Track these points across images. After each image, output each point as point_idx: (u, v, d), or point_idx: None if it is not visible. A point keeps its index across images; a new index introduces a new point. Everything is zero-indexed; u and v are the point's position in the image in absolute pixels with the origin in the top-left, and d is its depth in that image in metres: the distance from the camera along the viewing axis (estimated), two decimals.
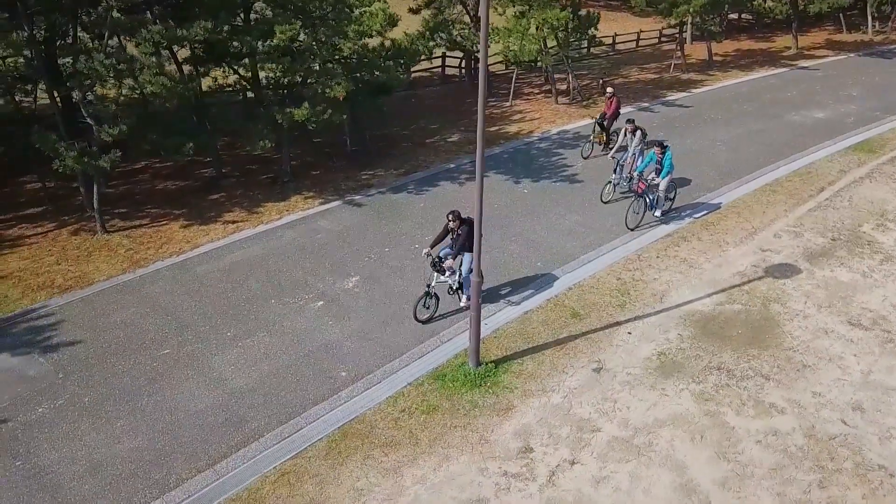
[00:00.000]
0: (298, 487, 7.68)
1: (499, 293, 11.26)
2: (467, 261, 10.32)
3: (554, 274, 11.83)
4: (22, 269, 12.33)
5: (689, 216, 13.85)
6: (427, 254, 10.28)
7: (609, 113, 17.06)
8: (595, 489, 7.58)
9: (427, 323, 10.42)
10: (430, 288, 10.36)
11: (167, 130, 13.57)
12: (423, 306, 10.39)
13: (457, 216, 10.16)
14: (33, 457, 8.11)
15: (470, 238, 10.02)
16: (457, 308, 10.77)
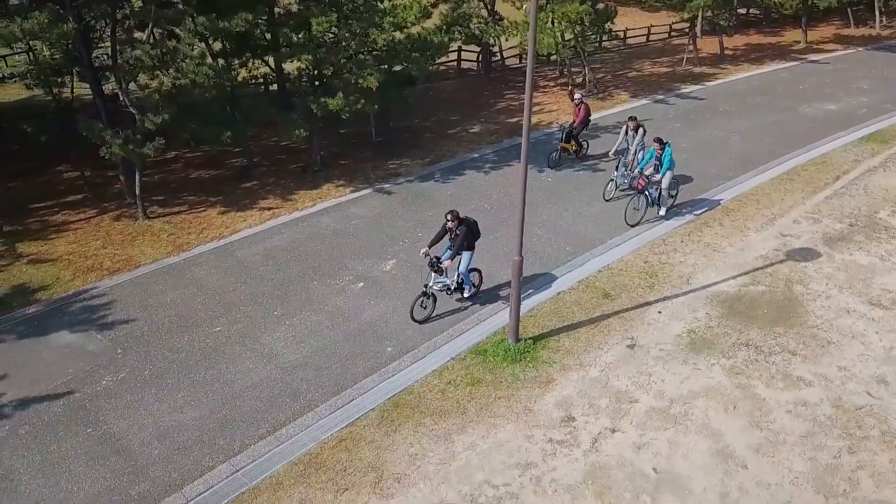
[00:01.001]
0: (356, 453, 8.08)
1: (531, 276, 11.66)
2: (465, 259, 10.36)
3: (583, 257, 12.22)
4: (70, 253, 12.76)
5: (709, 204, 14.23)
6: (425, 253, 10.11)
7: (577, 121, 16.20)
8: (636, 454, 7.97)
9: (424, 323, 10.30)
10: (428, 288, 10.26)
11: (205, 120, 13.93)
12: (420, 306, 10.27)
13: (456, 216, 10.12)
14: (103, 425, 8.53)
15: (468, 238, 10.24)
16: (455, 308, 10.68)
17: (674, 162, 13.27)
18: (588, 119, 16.37)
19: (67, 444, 8.23)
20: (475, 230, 10.43)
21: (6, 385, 9.25)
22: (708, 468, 7.75)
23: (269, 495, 7.51)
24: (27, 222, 14.15)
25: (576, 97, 16.62)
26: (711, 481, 7.57)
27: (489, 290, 11.09)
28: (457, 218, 10.12)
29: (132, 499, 7.47)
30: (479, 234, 10.58)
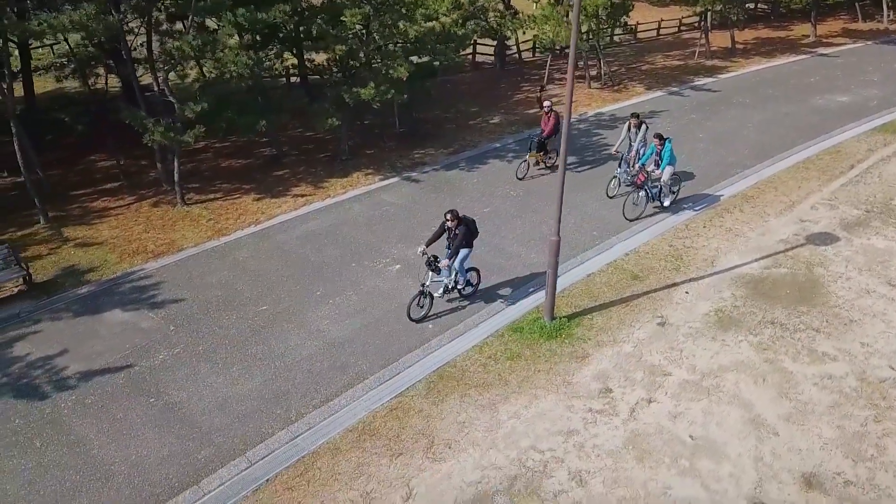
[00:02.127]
0: (406, 421, 8.46)
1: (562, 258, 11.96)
2: (462, 256, 10.21)
3: (610, 241, 12.56)
4: (115, 237, 13.13)
5: (729, 191, 14.55)
6: (422, 252, 9.94)
7: (547, 130, 15.10)
8: (673, 423, 8.34)
9: (420, 322, 10.21)
10: (425, 287, 10.14)
11: (240, 109, 14.28)
12: (417, 305, 10.17)
13: (455, 215, 9.99)
14: (164, 395, 8.93)
15: (467, 237, 10.13)
16: (453, 307, 10.60)
17: (675, 157, 13.24)
18: (558, 128, 14.89)
19: (133, 412, 8.64)
20: (474, 229, 10.34)
21: (68, 359, 9.66)
22: (741, 435, 8.12)
23: (328, 459, 7.91)
24: (69, 208, 14.56)
25: (545, 105, 15.47)
26: (745, 447, 7.94)
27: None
28: (456, 217, 10.00)
29: (199, 462, 7.87)
30: (478, 233, 10.47)
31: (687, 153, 16.63)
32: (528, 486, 7.50)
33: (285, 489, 7.53)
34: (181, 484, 7.59)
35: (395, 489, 7.51)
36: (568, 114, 9.21)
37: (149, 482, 7.62)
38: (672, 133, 17.73)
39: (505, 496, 7.39)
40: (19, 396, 8.96)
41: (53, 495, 7.49)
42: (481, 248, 12.23)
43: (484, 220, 13.39)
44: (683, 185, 14.36)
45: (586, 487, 7.46)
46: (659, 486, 7.48)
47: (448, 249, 10.11)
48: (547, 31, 21.58)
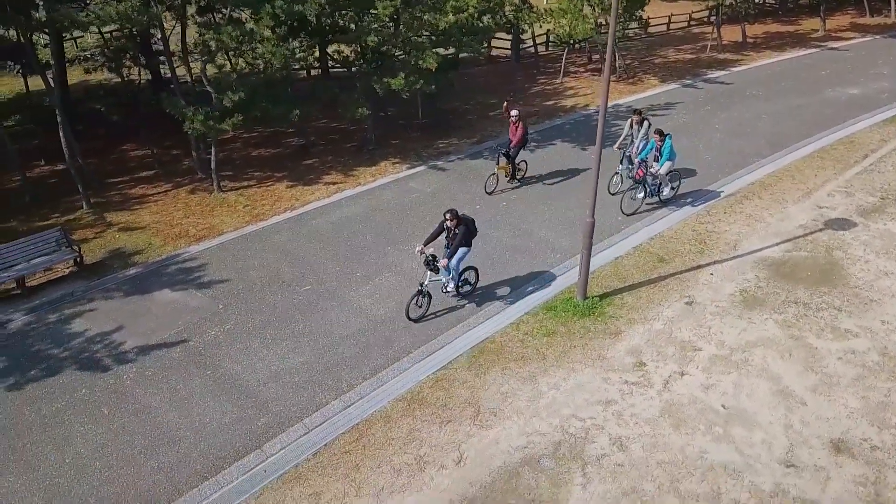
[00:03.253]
0: (452, 391, 8.84)
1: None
2: (460, 255, 10.08)
3: (635, 226, 12.91)
4: (157, 222, 13.52)
5: (747, 179, 14.87)
6: (420, 251, 9.88)
7: (515, 140, 14.23)
8: (705, 394, 8.71)
9: (419, 322, 10.10)
10: (423, 286, 10.02)
11: (274, 99, 14.62)
12: (415, 304, 10.08)
13: (454, 215, 9.87)
14: (220, 368, 9.32)
15: (466, 236, 10.01)
16: (451, 307, 10.48)
17: (674, 153, 13.22)
18: (526, 138, 14.48)
19: (192, 383, 9.04)
20: (473, 229, 10.23)
21: (125, 335, 10.06)
22: (771, 405, 8.49)
23: (381, 426, 8.29)
24: (109, 195, 14.96)
25: (512, 114, 14.37)
26: (775, 415, 8.31)
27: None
28: (455, 217, 9.88)
29: (259, 428, 8.26)
30: (476, 233, 10.39)
31: (704, 143, 16.99)
32: (571, 451, 7.88)
33: (343, 453, 7.92)
34: (244, 448, 7.98)
35: (446, 453, 7.90)
36: (604, 103, 9.53)
37: (213, 446, 8.02)
38: (688, 124, 18.24)
39: (551, 460, 7.77)
40: (83, 369, 9.37)
41: (125, 457, 7.89)
42: (509, 233, 12.70)
43: (511, 206, 13.85)
44: (698, 174, 14.74)
45: (627, 452, 7.85)
46: (695, 450, 7.86)
47: (447, 249, 9.99)
48: (563, 25, 21.88)
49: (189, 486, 7.49)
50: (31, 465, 7.81)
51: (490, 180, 14.38)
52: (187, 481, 7.55)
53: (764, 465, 7.60)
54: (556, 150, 16.87)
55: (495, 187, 14.36)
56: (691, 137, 17.34)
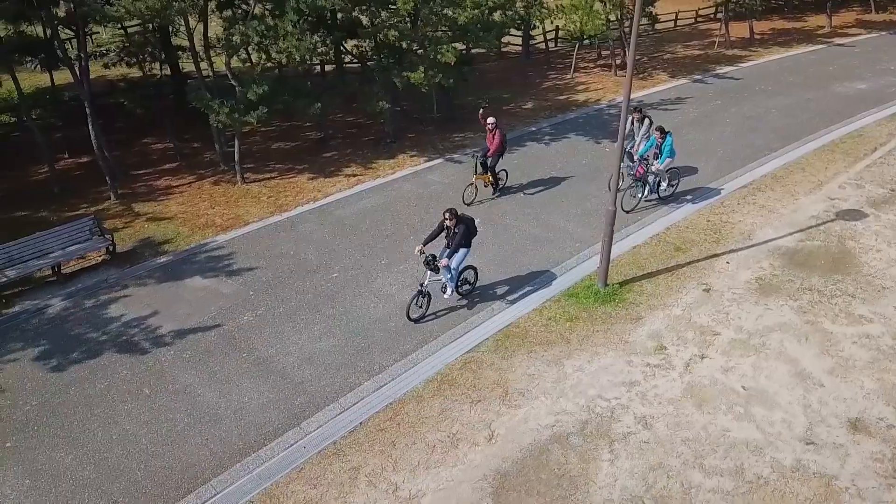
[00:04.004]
0: (481, 373, 9.10)
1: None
2: (459, 255, 9.94)
3: (651, 217, 13.13)
4: (183, 212, 13.80)
5: (759, 172, 15.06)
6: (420, 251, 9.73)
7: (492, 149, 13.52)
8: (725, 375, 8.96)
9: (418, 322, 10.01)
10: (423, 287, 9.90)
11: (296, 92, 14.86)
12: (415, 305, 9.98)
13: (454, 214, 9.74)
14: (255, 351, 9.59)
15: (466, 236, 9.85)
16: (454, 306, 10.40)
17: (674, 151, 13.11)
18: (503, 146, 13.70)
19: (229, 365, 9.31)
20: (472, 229, 10.08)
21: (161, 319, 10.34)
22: (789, 386, 8.73)
23: (414, 405, 8.56)
24: (134, 186, 15.24)
25: (489, 122, 13.56)
26: (794, 396, 8.56)
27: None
28: (455, 216, 9.75)
29: (296, 408, 8.53)
30: (476, 233, 10.24)
31: (715, 137, 17.20)
32: (598, 429, 8.14)
33: (378, 430, 8.19)
34: (283, 426, 8.25)
35: (478, 430, 8.16)
36: (627, 95, 9.76)
37: (254, 424, 8.29)
38: (699, 118, 18.45)
39: (579, 437, 8.03)
40: (122, 351, 9.65)
41: (169, 434, 8.16)
42: (530, 223, 12.94)
43: (530, 197, 14.08)
44: (711, 166, 14.96)
45: (652, 430, 8.10)
46: (718, 428, 8.11)
47: (447, 249, 9.87)
48: (575, 21, 22.07)
49: (233, 460, 7.76)
50: (79, 442, 8.10)
51: (468, 191, 13.65)
52: (230, 456, 7.82)
53: (784, 443, 7.85)
54: (570, 143, 17.08)
55: (474, 198, 13.65)
56: (703, 131, 17.56)
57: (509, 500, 7.22)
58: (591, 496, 7.25)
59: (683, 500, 7.15)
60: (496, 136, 13.50)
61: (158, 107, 18.08)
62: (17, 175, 16.53)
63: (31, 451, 7.99)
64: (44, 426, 8.34)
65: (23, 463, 7.82)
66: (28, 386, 9.03)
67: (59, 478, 7.61)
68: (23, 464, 7.81)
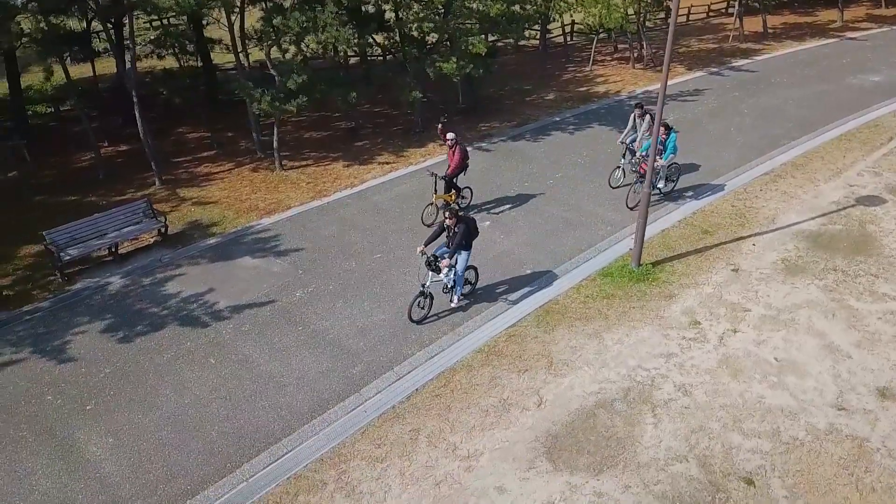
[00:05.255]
0: (525, 345, 9.54)
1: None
2: (463, 259, 9.82)
3: (678, 202, 13.54)
4: (227, 197, 14.25)
5: (779, 160, 15.41)
6: (421, 252, 9.62)
7: (453, 165, 12.49)
8: (758, 348, 9.37)
9: (421, 323, 9.94)
10: (425, 287, 9.81)
11: (331, 82, 15.26)
12: (417, 306, 9.90)
13: (454, 213, 9.61)
14: (310, 324, 10.05)
15: (467, 236, 9.71)
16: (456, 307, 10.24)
17: (677, 148, 12.98)
18: (465, 163, 12.66)
19: (286, 337, 9.77)
20: (473, 228, 9.93)
21: (217, 296, 10.80)
22: (819, 357, 9.14)
23: (465, 374, 9.00)
24: (176, 173, 15.70)
25: (448, 137, 12.50)
26: (824, 366, 8.97)
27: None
28: (455, 216, 9.63)
29: (354, 376, 8.99)
30: (478, 233, 10.10)
31: (735, 127, 17.55)
32: (640, 396, 8.57)
33: (433, 396, 8.64)
34: (344, 392, 8.71)
35: (527, 396, 8.60)
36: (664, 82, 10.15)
37: (315, 390, 8.75)
38: (718, 109, 18.79)
39: (622, 403, 8.47)
40: (183, 324, 10.12)
41: (238, 399, 8.63)
42: (560, 207, 13.34)
43: (558, 183, 14.48)
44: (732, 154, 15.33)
45: (691, 396, 8.53)
46: (754, 395, 8.53)
47: (447, 248, 9.75)
48: (594, 14, 22.37)
49: (300, 422, 8.22)
50: (155, 405, 8.58)
51: (428, 210, 12.81)
52: (297, 419, 8.28)
53: (817, 409, 8.27)
54: (594, 132, 17.44)
55: (434, 218, 12.79)
56: (723, 121, 17.91)
57: (562, 458, 7.67)
58: (639, 455, 7.70)
59: (725, 459, 7.60)
60: (456, 152, 12.49)
61: (193, 97, 18.52)
62: (61, 162, 17.02)
63: (111, 413, 8.49)
64: (119, 391, 8.84)
65: (104, 423, 8.31)
66: (99, 356, 9.53)
67: (139, 437, 8.09)
68: (104, 424, 8.30)
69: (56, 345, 9.80)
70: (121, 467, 7.68)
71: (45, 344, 9.82)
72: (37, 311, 10.66)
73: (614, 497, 7.19)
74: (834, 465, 7.48)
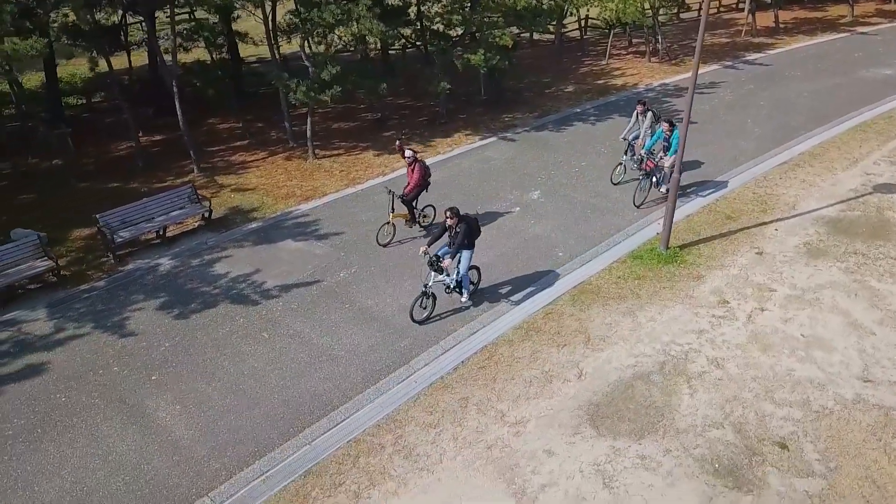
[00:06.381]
0: (562, 322, 9.92)
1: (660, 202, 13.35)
2: (465, 258, 9.76)
3: (703, 188, 13.88)
4: (264, 184, 14.66)
5: (797, 150, 15.72)
6: (424, 252, 9.54)
7: (412, 183, 11.93)
8: (785, 325, 9.74)
9: (423, 323, 9.84)
10: (427, 288, 9.74)
11: (362, 73, 15.63)
12: (419, 306, 9.81)
13: (455, 213, 9.51)
14: (356, 303, 10.45)
15: (468, 236, 9.65)
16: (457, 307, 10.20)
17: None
18: (425, 181, 12.05)
19: (334, 314, 10.17)
20: (475, 228, 9.86)
21: (264, 276, 11.21)
22: (844, 334, 9.50)
23: (507, 348, 9.40)
24: (212, 161, 16.11)
25: (407, 155, 11.95)
26: (849, 342, 9.33)
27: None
28: (457, 215, 9.53)
29: (401, 349, 9.39)
30: (480, 232, 10.02)
31: (752, 118, 17.86)
32: (675, 368, 8.95)
33: (479, 368, 9.03)
34: (393, 364, 9.10)
35: (567, 369, 8.99)
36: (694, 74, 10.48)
37: (367, 362, 9.15)
38: (734, 101, 19.09)
39: (658, 375, 8.85)
40: (235, 302, 10.54)
41: (294, 369, 9.05)
42: (588, 194, 13.69)
43: (583, 171, 14.84)
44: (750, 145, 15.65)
45: (724, 369, 8.91)
46: (783, 368, 8.90)
47: (449, 248, 9.70)
48: (611, 8, 22.65)
49: (354, 391, 8.63)
50: (216, 376, 9.00)
51: (384, 230, 11.96)
52: (352, 388, 8.69)
53: (844, 380, 8.64)
54: (615, 123, 17.74)
55: (391, 238, 12.02)
56: (739, 113, 18.23)
57: (605, 425, 8.06)
58: (677, 422, 8.09)
59: (759, 426, 7.98)
60: (415, 170, 11.86)
61: (224, 89, 18.90)
62: (99, 151, 17.44)
63: (175, 382, 8.91)
64: (181, 363, 9.26)
65: (170, 392, 8.74)
66: (158, 331, 9.96)
67: (204, 404, 8.52)
68: (170, 393, 8.72)
69: (115, 321, 10.24)
70: (191, 431, 8.11)
71: (105, 320, 10.27)
72: (93, 289, 11.11)
73: (656, 459, 7.58)
74: (862, 431, 7.86)
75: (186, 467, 7.62)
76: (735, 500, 7.05)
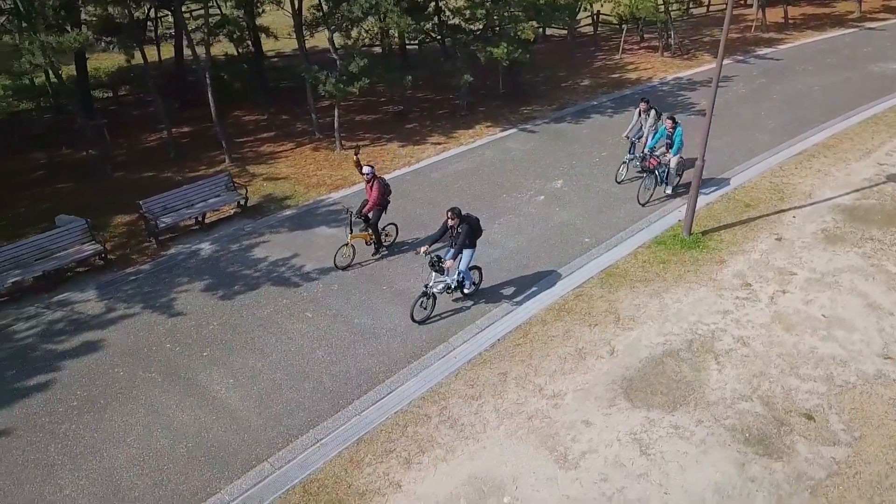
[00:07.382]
0: (592, 303, 10.27)
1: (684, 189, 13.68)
2: (466, 257, 9.71)
3: (721, 178, 14.19)
4: (294, 174, 15.00)
5: (811, 141, 16.03)
6: (425, 252, 9.59)
7: (370, 202, 11.09)
8: (806, 306, 10.08)
9: (423, 323, 9.78)
10: (428, 288, 9.70)
11: (387, 66, 15.95)
12: (420, 306, 9.77)
13: (456, 213, 9.44)
14: (392, 284, 10.81)
15: (470, 236, 9.57)
16: (458, 307, 10.17)
17: (683, 143, 12.93)
18: (385, 199, 11.29)
19: (373, 295, 10.53)
20: (476, 228, 9.73)
21: (302, 260, 11.57)
22: (863, 314, 9.84)
23: (540, 328, 9.75)
24: (242, 152, 16.45)
25: (365, 171, 11.14)
26: (869, 322, 9.67)
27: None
28: (458, 216, 9.46)
29: (441, 327, 9.74)
30: (481, 232, 9.90)
31: (765, 111, 18.14)
32: (703, 346, 9.30)
33: (514, 346, 9.39)
34: (433, 341, 9.47)
35: (600, 346, 9.34)
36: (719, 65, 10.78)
37: (408, 340, 9.51)
38: (747, 95, 19.36)
39: (687, 352, 9.20)
40: (276, 284, 10.90)
41: (339, 346, 9.41)
42: (609, 183, 13.99)
43: (604, 161, 15.15)
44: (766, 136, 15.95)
45: (750, 347, 9.25)
46: (806, 346, 9.25)
47: (451, 248, 9.56)
48: (626, 4, 22.89)
49: (398, 366, 9.00)
50: (264, 352, 9.36)
51: (342, 252, 11.21)
52: (396, 363, 9.06)
53: (865, 357, 8.98)
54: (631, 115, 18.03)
55: (351, 261, 11.33)
56: (752, 106, 18.51)
57: (639, 398, 8.42)
58: (707, 395, 8.44)
59: (786, 399, 8.33)
60: (374, 187, 11.09)
61: (250, 82, 19.23)
62: (130, 143, 17.80)
63: (226, 358, 9.29)
64: (230, 341, 9.63)
65: (222, 367, 9.11)
66: (205, 311, 10.33)
67: (256, 378, 8.89)
68: (222, 368, 9.10)
69: (163, 301, 10.61)
70: (245, 403, 8.49)
71: (153, 301, 10.65)
72: (139, 272, 11.48)
73: (689, 429, 7.94)
74: (885, 404, 8.21)
75: (245, 435, 8.00)
76: (766, 466, 7.41)
